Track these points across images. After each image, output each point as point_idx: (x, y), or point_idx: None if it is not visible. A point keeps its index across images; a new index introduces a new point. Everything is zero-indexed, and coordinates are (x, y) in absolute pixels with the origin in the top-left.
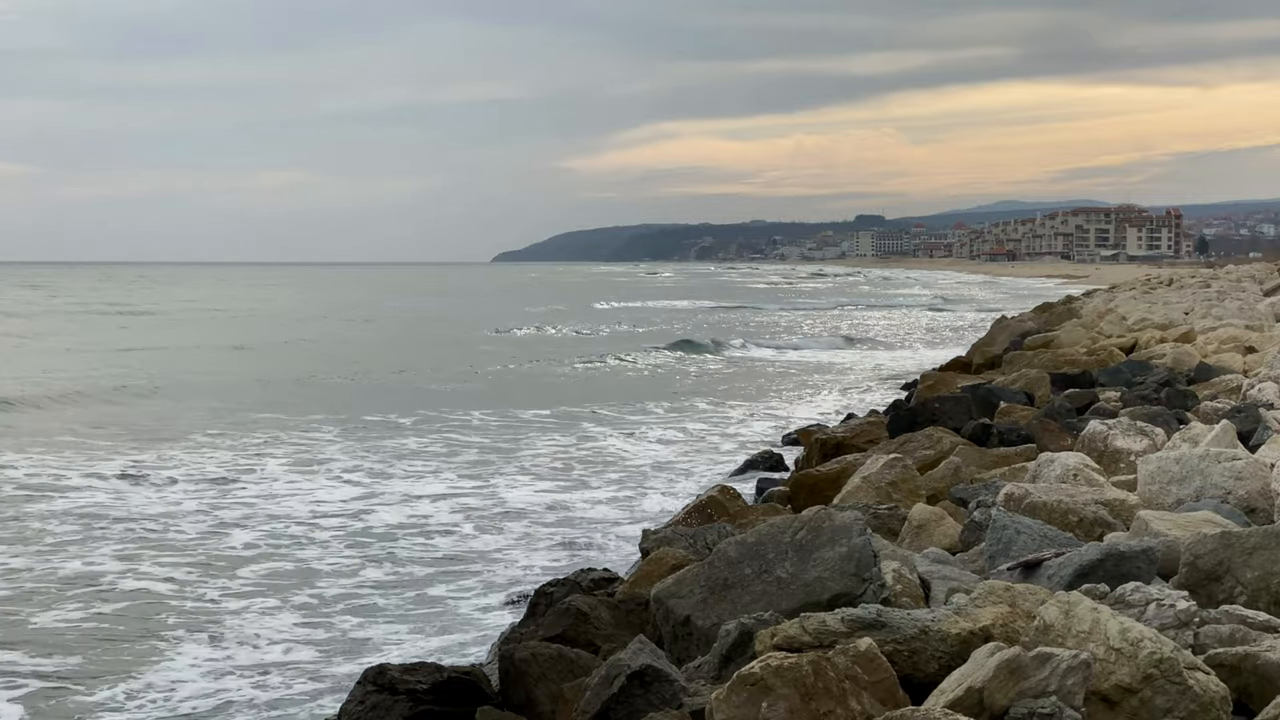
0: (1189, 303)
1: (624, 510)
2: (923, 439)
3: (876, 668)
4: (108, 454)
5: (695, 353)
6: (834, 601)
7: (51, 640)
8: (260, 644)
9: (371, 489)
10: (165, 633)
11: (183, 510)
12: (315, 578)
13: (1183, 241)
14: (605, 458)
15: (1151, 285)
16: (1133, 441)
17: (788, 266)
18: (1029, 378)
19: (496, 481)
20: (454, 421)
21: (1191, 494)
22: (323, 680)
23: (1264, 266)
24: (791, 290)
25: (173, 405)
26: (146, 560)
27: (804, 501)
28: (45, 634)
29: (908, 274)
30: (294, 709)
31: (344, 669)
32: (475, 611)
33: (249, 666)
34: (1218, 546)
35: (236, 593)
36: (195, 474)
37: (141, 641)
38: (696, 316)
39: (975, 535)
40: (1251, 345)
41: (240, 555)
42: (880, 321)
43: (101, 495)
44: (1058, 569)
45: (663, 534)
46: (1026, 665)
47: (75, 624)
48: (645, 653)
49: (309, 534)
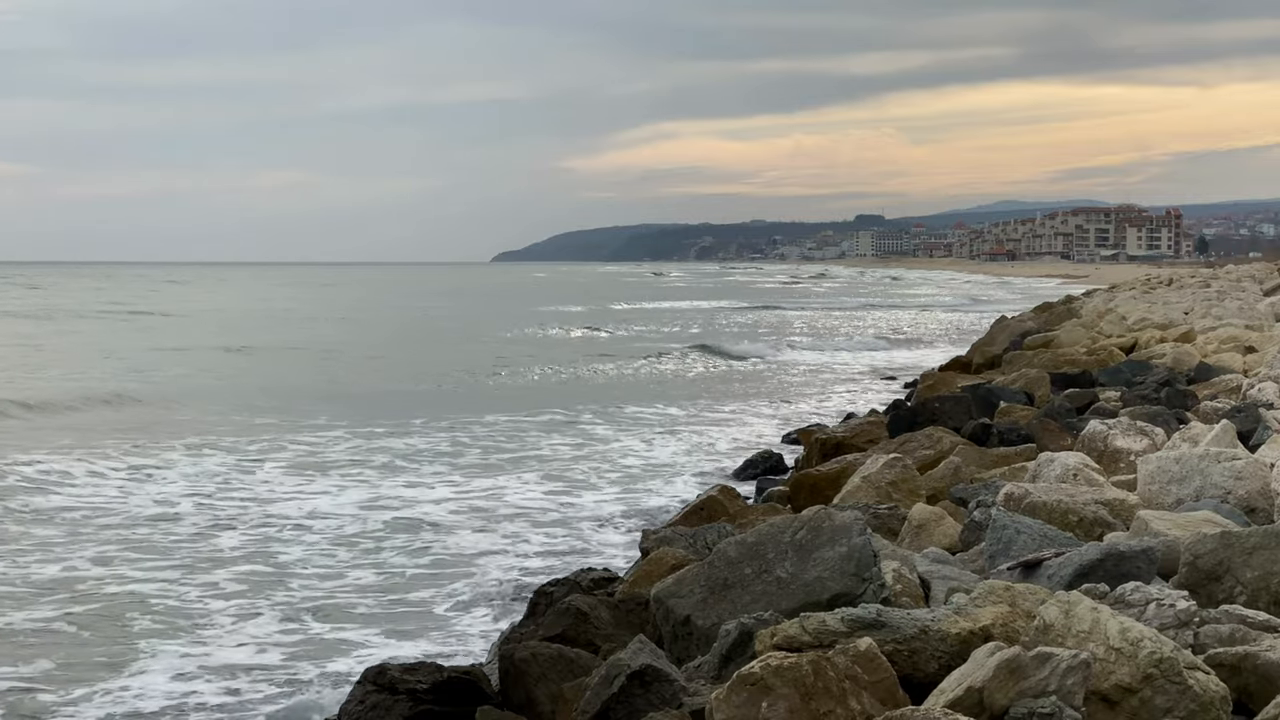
0: (1189, 303)
1: (624, 510)
2: (923, 439)
3: (876, 668)
4: (120, 454)
5: (739, 359)
6: (834, 601)
7: (22, 641)
8: (232, 646)
9: (374, 490)
10: (141, 634)
11: (178, 512)
12: (297, 579)
13: (1183, 241)
14: (607, 457)
15: (1151, 285)
16: (1133, 441)
17: (788, 266)
18: (1029, 377)
19: (498, 482)
20: (468, 423)
21: (1191, 494)
22: (289, 684)
23: (1264, 266)
24: (805, 291)
25: (189, 406)
26: (130, 562)
27: (804, 501)
28: (17, 634)
29: (916, 274)
30: (252, 711)
31: (314, 672)
32: (456, 613)
33: (219, 668)
34: (1218, 546)
35: (219, 593)
36: (197, 474)
37: (115, 643)
38: (730, 317)
39: (975, 535)
40: (1251, 345)
41: (226, 557)
42: (916, 321)
43: (100, 496)
44: (1058, 569)
45: (663, 534)
46: (1026, 665)
47: (47, 625)
48: (645, 652)
49: (299, 536)
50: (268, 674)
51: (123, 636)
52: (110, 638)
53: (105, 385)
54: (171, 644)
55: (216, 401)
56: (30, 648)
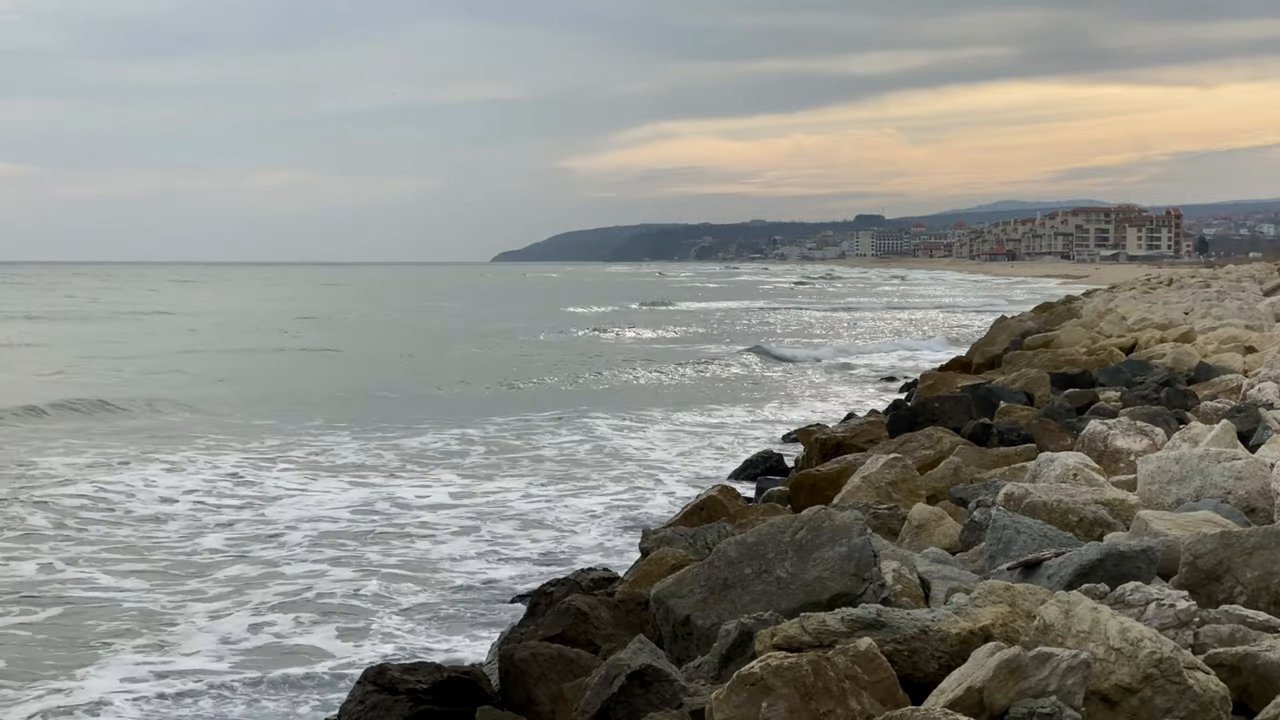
0: (1189, 303)
1: (624, 510)
2: (923, 439)
3: (876, 668)
4: (141, 457)
5: (799, 362)
6: (834, 601)
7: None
8: (200, 649)
9: (378, 493)
10: (104, 635)
11: (173, 512)
12: (278, 581)
13: (1183, 241)
14: (609, 458)
15: (1151, 285)
16: (1133, 441)
17: (790, 266)
18: (1029, 377)
19: (499, 481)
20: (475, 424)
21: (1191, 494)
22: (242, 691)
23: (1264, 266)
24: (821, 291)
25: (213, 409)
26: (100, 564)
27: (804, 501)
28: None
29: (923, 274)
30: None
31: (277, 672)
32: (457, 614)
33: (185, 673)
34: (1218, 546)
35: (194, 596)
36: (207, 474)
37: (75, 645)
38: (762, 316)
39: (975, 535)
40: (1251, 345)
41: (209, 560)
42: (953, 321)
43: (98, 497)
44: (1058, 569)
45: (663, 534)
46: (1026, 665)
47: (8, 630)
48: (645, 652)
49: (290, 537)
50: (232, 676)
51: (84, 638)
52: (70, 639)
53: (116, 389)
54: (131, 645)
55: (260, 404)
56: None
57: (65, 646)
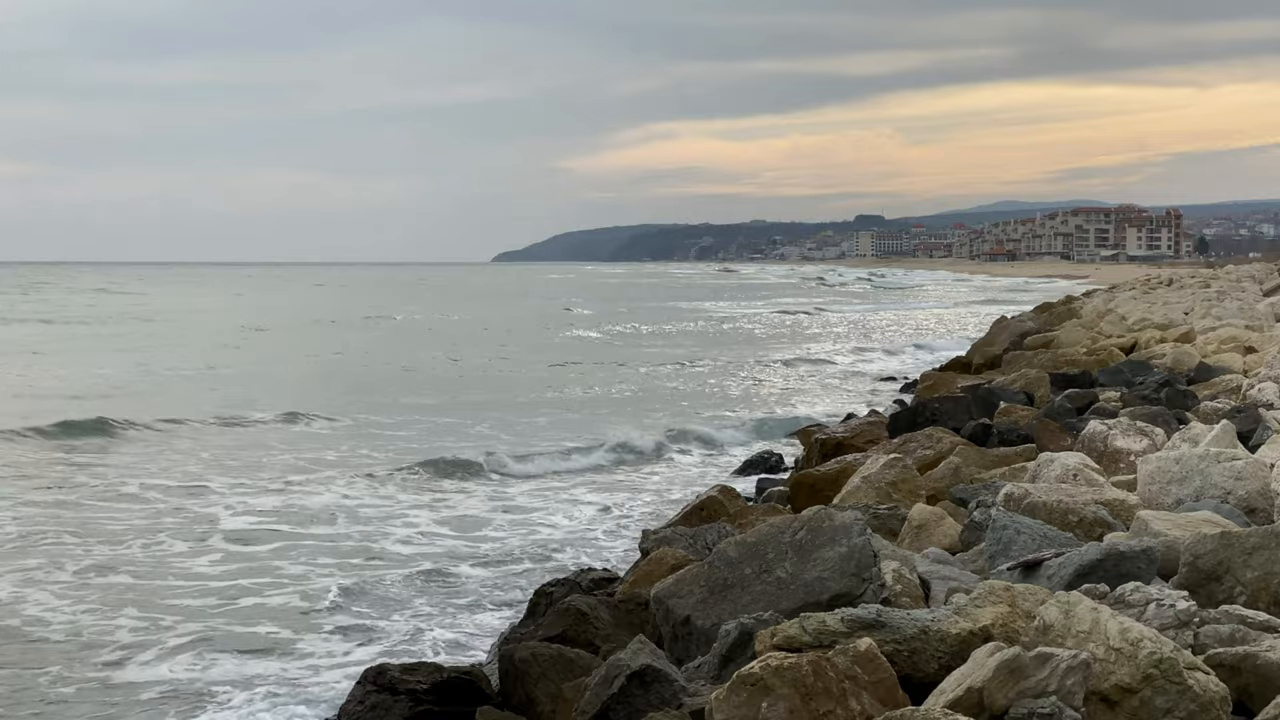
0: (1189, 303)
1: (624, 510)
2: (923, 439)
3: (876, 668)
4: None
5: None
6: (834, 601)
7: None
8: (201, 648)
9: (370, 493)
10: (48, 649)
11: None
12: (279, 581)
13: (1182, 241)
14: (611, 456)
15: (1151, 285)
16: (1133, 441)
17: (791, 266)
18: (1029, 378)
19: (500, 482)
20: (479, 424)
21: (1191, 494)
22: (242, 690)
23: (1264, 266)
24: (833, 290)
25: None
26: (71, 571)
27: (804, 501)
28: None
29: (926, 274)
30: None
31: (277, 672)
32: (455, 612)
33: (186, 672)
34: (1217, 546)
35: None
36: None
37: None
38: (813, 319)
39: (975, 535)
40: (1251, 345)
41: (192, 567)
42: (989, 318)
43: (99, 500)
44: (1058, 569)
45: (663, 534)
46: (1026, 665)
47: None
48: (645, 653)
49: (286, 538)
50: (175, 687)
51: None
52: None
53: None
54: (82, 661)
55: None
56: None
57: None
